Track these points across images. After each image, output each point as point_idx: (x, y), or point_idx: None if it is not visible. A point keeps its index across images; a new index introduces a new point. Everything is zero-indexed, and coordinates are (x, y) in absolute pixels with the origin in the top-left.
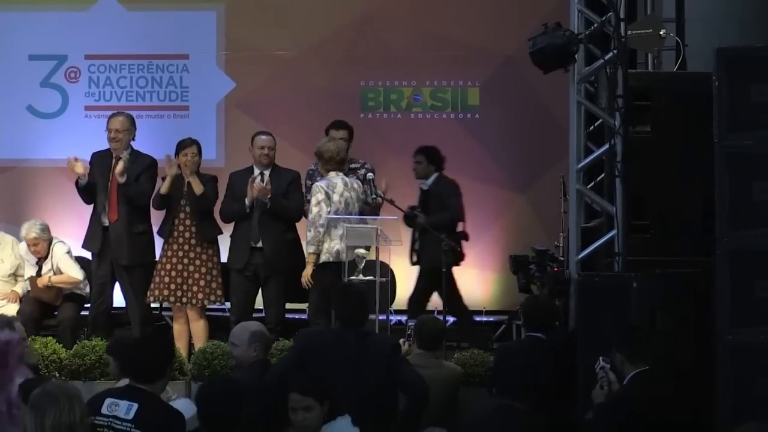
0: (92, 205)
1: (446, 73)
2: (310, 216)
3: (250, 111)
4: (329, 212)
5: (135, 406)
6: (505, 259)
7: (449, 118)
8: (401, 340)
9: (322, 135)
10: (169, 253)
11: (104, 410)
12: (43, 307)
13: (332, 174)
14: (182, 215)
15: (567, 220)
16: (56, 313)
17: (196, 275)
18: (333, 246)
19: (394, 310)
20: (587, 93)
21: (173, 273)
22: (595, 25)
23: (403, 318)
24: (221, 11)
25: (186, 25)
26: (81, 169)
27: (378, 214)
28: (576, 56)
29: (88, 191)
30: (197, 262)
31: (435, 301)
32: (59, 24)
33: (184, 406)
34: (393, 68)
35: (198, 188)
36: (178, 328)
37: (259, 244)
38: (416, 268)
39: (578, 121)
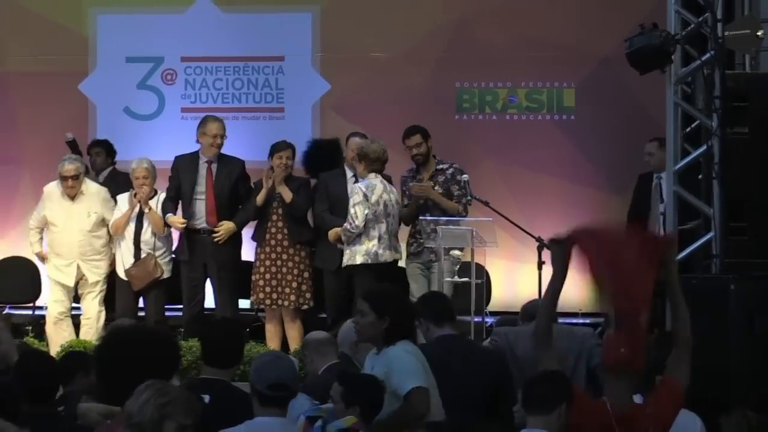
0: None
1: (542, 75)
2: (348, 216)
3: (345, 113)
4: (367, 214)
5: (206, 398)
6: None
7: (544, 120)
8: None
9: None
10: (262, 256)
11: None
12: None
13: (372, 175)
14: (274, 218)
15: (664, 221)
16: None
17: (289, 277)
18: (371, 247)
19: (490, 312)
20: (684, 94)
21: (267, 276)
22: (692, 25)
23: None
24: (317, 13)
25: (281, 27)
26: (180, 225)
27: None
28: (673, 57)
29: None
30: (290, 264)
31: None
32: (156, 26)
33: None
34: (488, 69)
35: (288, 196)
36: (271, 329)
37: None
38: (511, 269)
39: (675, 123)
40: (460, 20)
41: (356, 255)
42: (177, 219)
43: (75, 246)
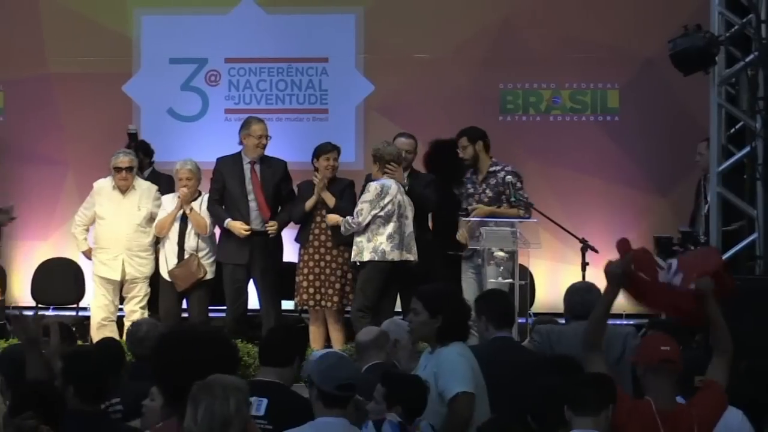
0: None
1: (586, 76)
2: (355, 210)
3: (389, 114)
4: (376, 214)
5: (265, 401)
6: None
7: (588, 121)
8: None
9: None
10: (306, 257)
11: None
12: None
13: (386, 177)
14: (318, 219)
15: (707, 222)
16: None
17: (332, 278)
18: (379, 245)
19: (534, 313)
20: (728, 95)
21: (311, 277)
22: (736, 26)
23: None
24: (361, 14)
25: (326, 28)
26: (245, 231)
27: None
28: (716, 58)
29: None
30: (333, 265)
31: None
32: (200, 27)
33: None
34: (533, 70)
35: (330, 201)
36: (315, 330)
37: None
38: (554, 270)
39: (719, 124)
40: (504, 21)
41: (364, 251)
42: (238, 224)
43: (122, 239)
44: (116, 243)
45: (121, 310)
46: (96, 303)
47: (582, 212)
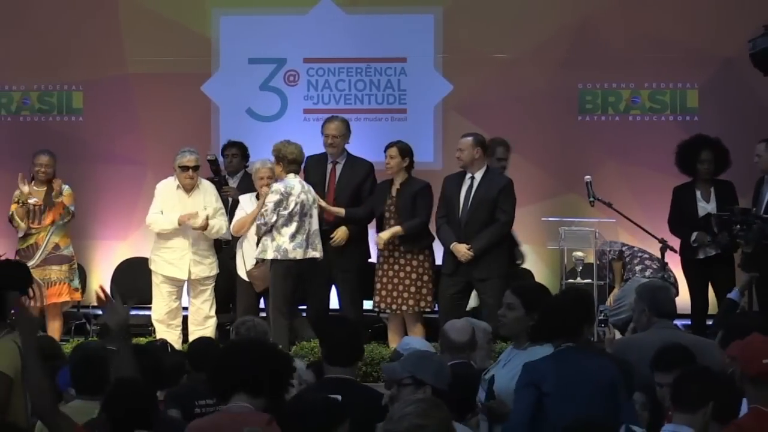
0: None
1: (665, 75)
2: (263, 209)
3: (467, 113)
4: (279, 213)
5: (338, 398)
6: None
7: (668, 120)
8: None
9: (540, 138)
10: (381, 260)
11: None
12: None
13: (291, 176)
14: (392, 222)
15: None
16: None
17: (407, 281)
18: (282, 244)
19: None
20: None
21: (384, 279)
22: None
23: None
24: (439, 14)
25: (404, 28)
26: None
27: None
28: None
29: None
30: (407, 269)
31: None
32: (278, 27)
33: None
34: (611, 70)
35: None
36: (392, 332)
37: None
38: None
39: None
40: (583, 21)
41: (268, 249)
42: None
43: (189, 238)
44: (182, 243)
45: (185, 309)
46: (161, 303)
47: (661, 212)
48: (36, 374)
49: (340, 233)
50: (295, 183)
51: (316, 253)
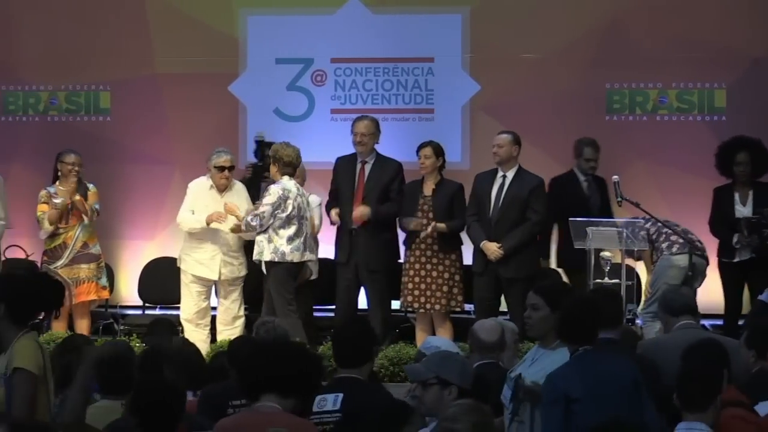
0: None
1: (693, 75)
2: (260, 210)
3: (495, 114)
4: (277, 216)
5: (340, 396)
6: None
7: (695, 121)
8: None
9: (568, 137)
10: (412, 259)
11: (314, 408)
12: None
13: (286, 179)
14: (425, 221)
15: None
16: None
17: (439, 281)
18: (279, 246)
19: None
20: None
21: (416, 279)
22: None
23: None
24: (467, 14)
25: (432, 28)
26: (336, 218)
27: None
28: None
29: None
30: (440, 268)
31: None
32: (306, 27)
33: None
34: (639, 70)
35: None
36: (421, 332)
37: None
38: None
39: None
40: (610, 21)
41: (264, 251)
42: (333, 212)
43: (220, 238)
44: (214, 243)
45: (213, 309)
46: (190, 302)
47: (689, 212)
48: (75, 405)
49: (361, 209)
50: (291, 186)
51: (312, 256)
